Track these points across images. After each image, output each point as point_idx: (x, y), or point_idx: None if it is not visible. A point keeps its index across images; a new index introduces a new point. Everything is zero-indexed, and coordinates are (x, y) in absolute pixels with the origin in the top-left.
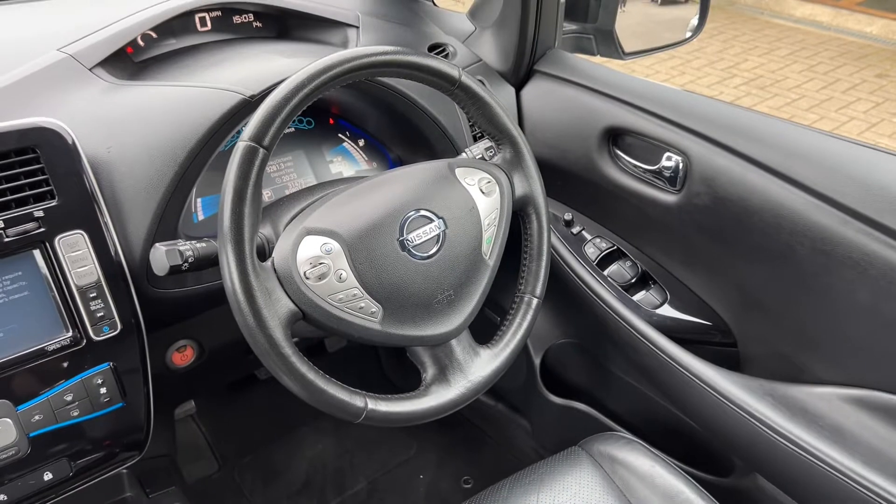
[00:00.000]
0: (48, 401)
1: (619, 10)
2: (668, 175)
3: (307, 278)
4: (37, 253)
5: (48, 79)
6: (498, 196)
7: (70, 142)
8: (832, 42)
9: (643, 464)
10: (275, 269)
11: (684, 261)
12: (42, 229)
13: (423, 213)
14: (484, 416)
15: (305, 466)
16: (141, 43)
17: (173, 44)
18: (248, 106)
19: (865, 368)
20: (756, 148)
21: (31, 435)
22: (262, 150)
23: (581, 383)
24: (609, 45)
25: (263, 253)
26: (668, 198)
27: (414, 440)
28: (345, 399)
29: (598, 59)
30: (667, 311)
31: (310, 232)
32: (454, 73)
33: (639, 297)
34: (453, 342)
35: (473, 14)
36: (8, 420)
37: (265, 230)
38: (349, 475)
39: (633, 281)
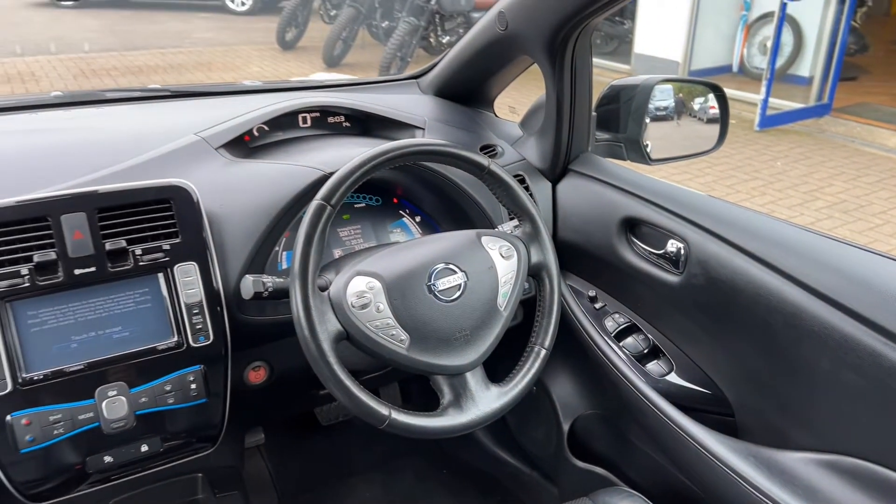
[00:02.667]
0: (153, 388)
1: (674, 122)
2: (671, 258)
3: (353, 307)
4: (160, 276)
5: (186, 153)
6: (516, 261)
7: (195, 199)
8: None
9: None
10: (329, 299)
11: (686, 335)
12: (167, 258)
13: (449, 266)
14: (519, 481)
15: None
16: (256, 133)
17: (280, 135)
18: (325, 180)
19: (834, 434)
20: (740, 236)
21: (137, 413)
22: (329, 207)
23: (603, 450)
24: (637, 151)
25: (325, 289)
26: (672, 278)
27: (455, 500)
28: (374, 406)
29: (627, 163)
30: (673, 378)
31: (359, 273)
32: (484, 162)
33: (649, 366)
34: (468, 375)
35: (523, 123)
36: (123, 399)
37: (330, 275)
38: None
39: (644, 352)
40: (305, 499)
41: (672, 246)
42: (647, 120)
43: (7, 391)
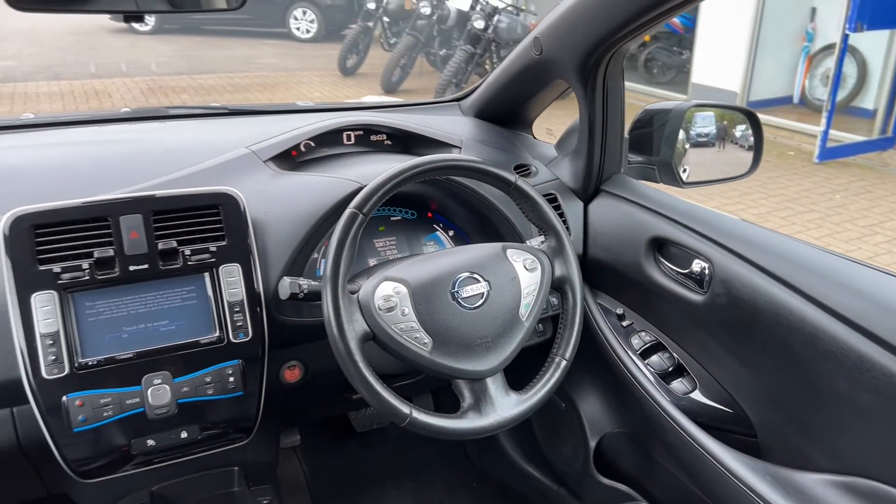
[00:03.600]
0: (194, 379)
1: (716, 148)
2: (696, 278)
3: (380, 309)
4: (206, 275)
5: (237, 165)
6: (539, 273)
7: (242, 206)
8: None
9: None
10: (358, 301)
11: (710, 353)
12: (213, 259)
13: (473, 275)
14: (546, 497)
15: None
16: (303, 149)
17: (325, 151)
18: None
19: (852, 456)
20: (762, 257)
21: (179, 401)
22: (361, 215)
23: (628, 468)
24: (670, 174)
25: (356, 293)
26: (697, 298)
27: None
28: (396, 404)
29: (660, 185)
30: (697, 396)
31: (387, 278)
32: (511, 178)
33: (674, 384)
34: (489, 381)
35: (558, 145)
36: (166, 387)
37: (361, 281)
38: None
39: (669, 370)
40: (338, 502)
41: (697, 265)
42: (687, 145)
43: (65, 374)
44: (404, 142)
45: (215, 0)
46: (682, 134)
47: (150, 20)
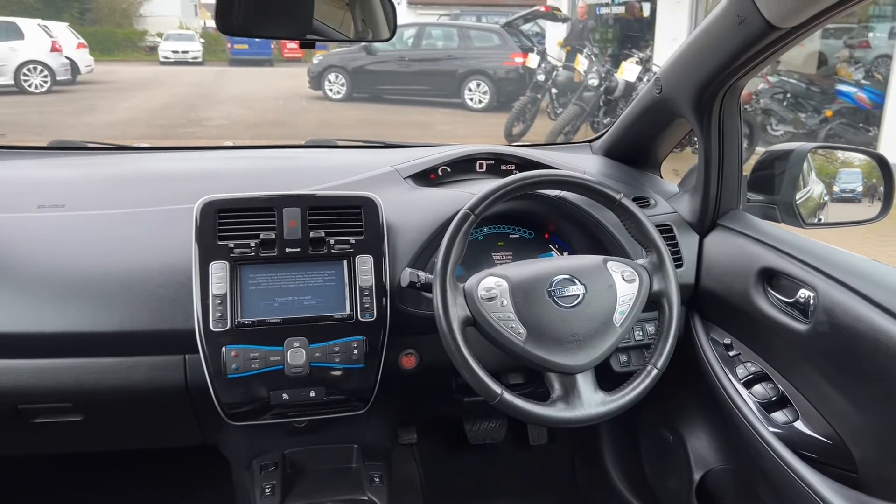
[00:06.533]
0: (325, 347)
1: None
2: (801, 307)
3: (482, 298)
4: (345, 263)
5: (381, 179)
6: (637, 285)
7: (379, 209)
8: None
9: None
10: (463, 289)
11: (813, 384)
12: (352, 250)
13: (571, 277)
14: None
15: None
16: (440, 172)
17: (459, 177)
18: None
19: None
20: (865, 285)
21: (311, 364)
22: (472, 215)
23: None
24: (791, 214)
25: (463, 283)
26: (801, 327)
27: None
28: (488, 383)
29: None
30: (799, 426)
31: (491, 274)
32: (616, 195)
33: (775, 414)
34: (579, 377)
35: (681, 183)
36: (303, 351)
37: (474, 280)
38: None
39: (773, 399)
40: None
41: (802, 295)
42: (826, 197)
43: (226, 328)
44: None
45: (374, 33)
46: (804, 175)
47: (342, 90)
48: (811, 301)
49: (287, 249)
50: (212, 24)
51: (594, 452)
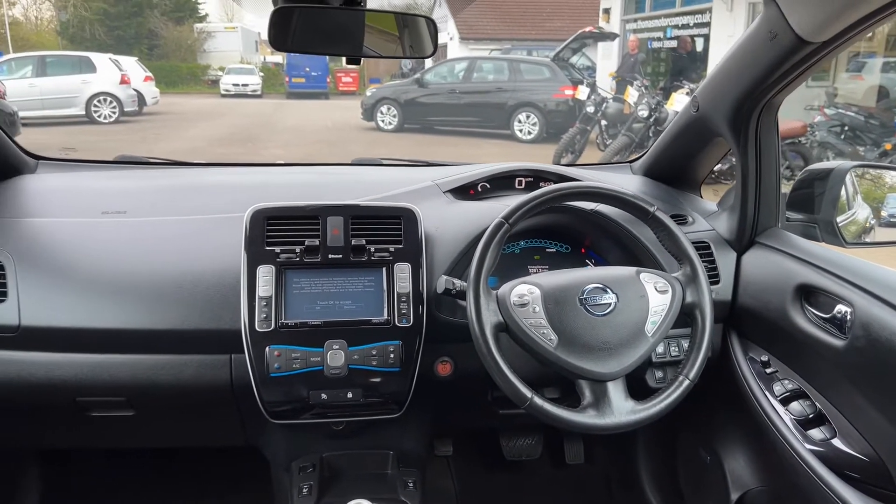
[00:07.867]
0: (363, 350)
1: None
2: (838, 323)
3: (514, 305)
4: (384, 270)
5: (422, 192)
6: (670, 296)
7: (418, 220)
8: None
9: None
10: (496, 296)
11: (850, 401)
12: (391, 258)
13: (603, 287)
14: None
15: None
16: (479, 188)
17: (498, 193)
18: None
19: None
20: None
21: (350, 366)
22: (506, 224)
23: None
24: (831, 233)
25: (496, 290)
26: (838, 343)
27: None
28: (518, 386)
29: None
30: (837, 443)
31: (524, 281)
32: (649, 207)
33: (812, 432)
34: (609, 385)
35: (720, 202)
36: (342, 353)
37: (507, 287)
38: None
39: (810, 417)
40: None
41: (839, 311)
42: (873, 220)
43: (270, 329)
44: None
45: (417, 49)
46: (849, 198)
47: (394, 121)
48: (848, 316)
49: (330, 256)
50: (272, 59)
51: (631, 473)
